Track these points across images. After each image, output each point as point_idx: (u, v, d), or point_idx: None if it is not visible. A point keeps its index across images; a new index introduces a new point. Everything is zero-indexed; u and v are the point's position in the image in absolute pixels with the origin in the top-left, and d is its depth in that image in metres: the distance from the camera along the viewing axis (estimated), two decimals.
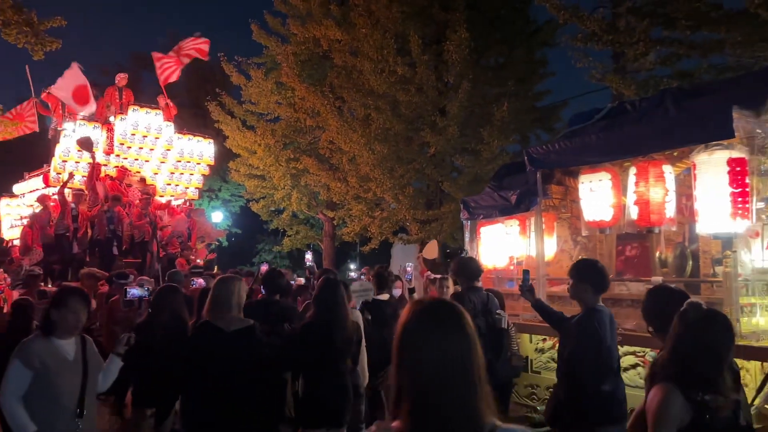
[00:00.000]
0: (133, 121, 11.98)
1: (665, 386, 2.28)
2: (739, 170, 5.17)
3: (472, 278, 5.05)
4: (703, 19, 8.72)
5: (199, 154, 13.48)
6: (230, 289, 3.76)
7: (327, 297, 4.07)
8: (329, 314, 4.02)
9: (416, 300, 1.64)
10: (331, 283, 4.17)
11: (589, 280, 3.79)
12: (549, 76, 14.84)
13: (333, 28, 14.39)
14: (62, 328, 3.25)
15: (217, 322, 3.68)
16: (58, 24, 9.26)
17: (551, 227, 7.48)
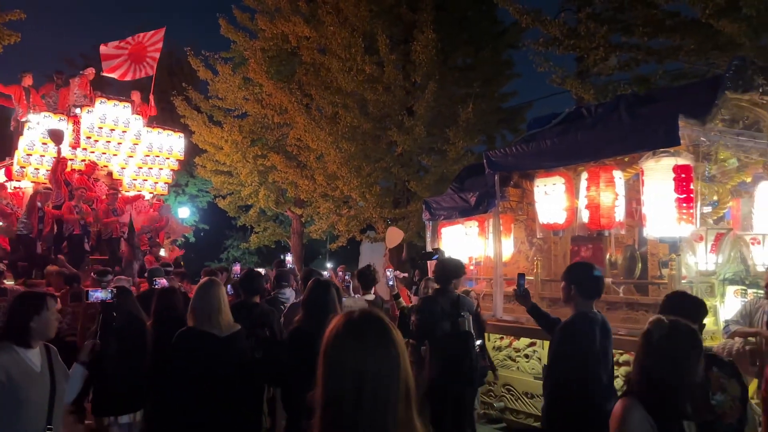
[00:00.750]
0: (101, 114, 11.60)
1: (625, 401, 2.27)
2: (684, 177, 5.37)
3: (444, 281, 4.92)
4: (659, 27, 8.96)
5: (169, 148, 13.12)
6: (217, 294, 3.67)
7: (318, 300, 3.73)
8: (321, 318, 3.67)
9: (347, 311, 1.59)
10: (322, 284, 3.86)
11: (580, 283, 3.65)
12: (515, 77, 15.07)
13: (301, 24, 14.35)
14: (39, 336, 3.02)
15: (208, 328, 3.57)
16: (17, 17, 9.06)
17: (508, 229, 7.64)
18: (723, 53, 8.40)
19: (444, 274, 4.91)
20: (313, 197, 15.51)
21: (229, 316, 3.68)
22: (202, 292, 3.68)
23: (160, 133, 12.98)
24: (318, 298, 3.71)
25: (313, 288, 3.80)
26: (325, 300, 3.68)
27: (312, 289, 3.80)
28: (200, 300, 3.66)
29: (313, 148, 14.24)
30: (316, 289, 3.77)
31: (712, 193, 6.13)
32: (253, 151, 16.45)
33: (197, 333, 3.57)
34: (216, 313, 3.60)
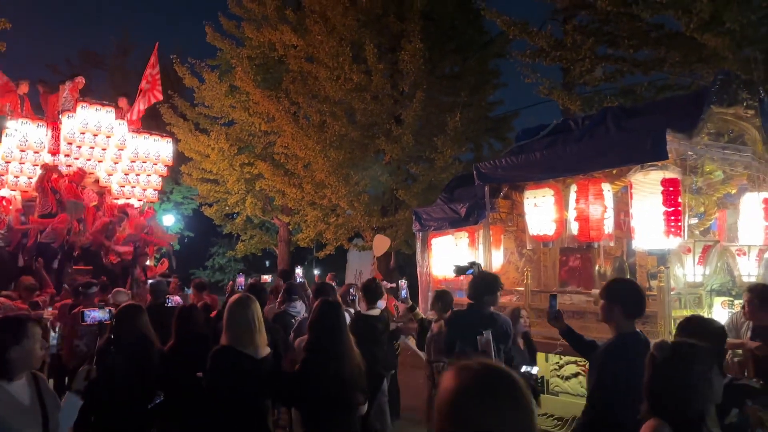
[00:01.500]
0: (82, 119, 11.11)
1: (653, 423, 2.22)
2: (672, 190, 5.45)
3: (476, 296, 4.54)
4: (644, 39, 9.12)
5: (156, 153, 12.58)
6: (253, 311, 3.44)
7: (326, 322, 3.52)
8: (329, 343, 3.48)
9: (464, 365, 1.41)
10: (330, 306, 3.65)
11: (621, 301, 3.27)
12: (501, 86, 15.19)
13: (288, 33, 14.33)
14: (22, 366, 2.66)
15: (245, 348, 3.36)
16: (2, 27, 8.93)
17: (498, 240, 7.68)
18: (707, 65, 8.56)
19: (476, 289, 4.59)
20: (300, 205, 15.47)
21: (265, 335, 3.49)
22: (239, 310, 3.45)
23: (146, 138, 12.48)
24: (327, 320, 3.53)
25: (320, 310, 3.60)
26: (333, 323, 3.52)
27: (320, 311, 3.60)
28: (237, 318, 3.43)
29: (300, 156, 14.21)
30: (323, 311, 3.59)
31: (698, 205, 6.22)
32: (240, 159, 16.37)
33: (235, 353, 3.35)
34: (254, 333, 3.41)
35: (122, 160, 12.21)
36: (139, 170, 12.53)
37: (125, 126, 11.89)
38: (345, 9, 13.25)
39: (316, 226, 15.20)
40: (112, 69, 26.64)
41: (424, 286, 8.34)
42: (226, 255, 25.23)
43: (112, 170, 12.33)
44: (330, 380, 3.37)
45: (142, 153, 12.30)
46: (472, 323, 4.36)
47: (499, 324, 4.41)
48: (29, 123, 11.05)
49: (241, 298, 3.55)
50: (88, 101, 11.35)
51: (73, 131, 11.13)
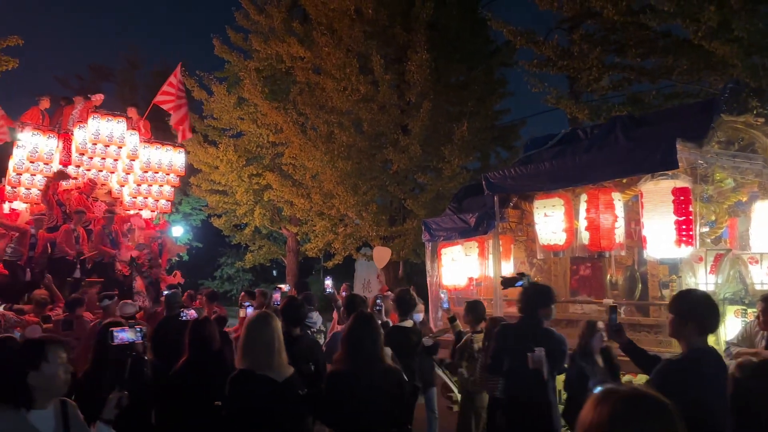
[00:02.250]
0: (94, 130, 11.03)
1: None
2: (683, 199, 5.44)
3: (528, 309, 4.22)
4: (652, 47, 9.11)
5: (169, 164, 12.46)
6: (272, 330, 3.19)
7: (360, 337, 3.31)
8: (362, 360, 3.27)
9: (611, 391, 1.38)
10: (364, 318, 3.45)
11: (694, 317, 2.99)
12: (508, 95, 15.21)
13: (295, 45, 14.44)
14: (45, 394, 2.45)
15: (265, 371, 3.12)
16: (15, 43, 9.05)
17: (508, 249, 7.68)
18: (715, 73, 8.55)
19: (529, 301, 4.25)
20: (309, 215, 15.53)
21: (285, 356, 3.26)
22: (257, 330, 3.21)
23: (158, 148, 12.36)
24: (359, 336, 3.32)
25: (354, 324, 3.40)
26: (370, 336, 3.32)
27: (353, 325, 3.40)
28: (255, 339, 3.18)
29: (308, 166, 14.28)
30: (357, 326, 3.38)
31: (709, 214, 6.20)
32: (249, 170, 16.49)
33: (253, 377, 3.11)
34: (273, 355, 3.16)
35: (134, 171, 12.14)
36: (151, 181, 12.42)
37: (137, 136, 11.81)
38: (351, 21, 13.34)
39: (325, 236, 15.24)
40: (121, 82, 26.91)
41: (433, 296, 8.34)
42: (235, 265, 25.31)
43: (123, 181, 12.26)
44: (356, 399, 3.19)
45: (155, 163, 12.21)
46: (523, 339, 4.02)
47: (554, 341, 4.06)
48: (39, 135, 11.01)
49: (260, 316, 3.34)
50: (100, 112, 11.32)
51: (85, 142, 11.08)
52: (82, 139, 11.06)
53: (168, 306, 6.41)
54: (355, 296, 5.29)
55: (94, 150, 11.27)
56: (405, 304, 5.32)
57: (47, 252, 9.95)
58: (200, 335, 4.01)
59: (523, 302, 4.29)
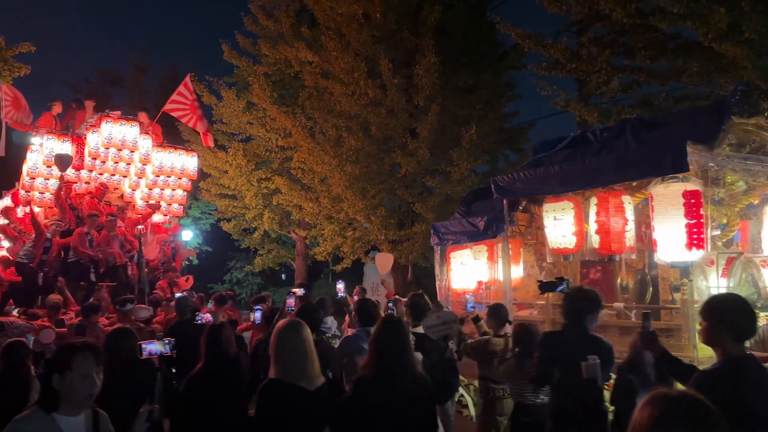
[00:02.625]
0: (107, 134, 10.95)
1: None
2: (694, 202, 5.41)
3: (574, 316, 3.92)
4: (661, 49, 9.08)
5: (181, 168, 12.41)
6: (303, 338, 3.09)
7: (389, 342, 3.12)
8: (392, 367, 3.09)
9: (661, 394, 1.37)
10: (393, 324, 3.27)
11: (729, 323, 2.77)
12: (516, 98, 15.19)
13: (304, 50, 14.50)
14: (70, 401, 2.41)
15: (297, 380, 3.00)
16: (27, 50, 9.14)
17: (518, 253, 7.66)
18: (726, 75, 8.50)
19: (576, 307, 3.93)
20: (318, 219, 15.57)
21: (317, 364, 3.14)
22: (288, 337, 3.10)
23: (170, 152, 12.36)
24: (389, 341, 3.14)
25: (383, 329, 3.23)
26: (399, 342, 3.13)
27: (381, 329, 3.23)
28: (287, 347, 3.07)
29: (317, 170, 14.32)
30: (387, 331, 3.21)
31: (721, 217, 6.16)
32: (258, 175, 16.57)
33: (286, 387, 2.99)
34: (306, 363, 3.06)
35: (146, 175, 12.11)
36: (164, 185, 12.36)
37: (149, 140, 11.78)
38: (360, 25, 13.38)
39: (333, 239, 15.26)
40: (130, 87, 27.13)
41: (443, 299, 8.33)
42: (244, 269, 25.36)
43: (135, 185, 12.23)
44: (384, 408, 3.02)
45: (167, 167, 12.18)
46: (573, 347, 3.75)
47: (604, 349, 3.79)
48: (54, 139, 10.98)
49: (291, 323, 3.20)
50: (112, 116, 11.21)
51: (98, 146, 11.06)
52: (95, 143, 11.05)
53: (179, 310, 6.37)
54: (367, 301, 5.09)
55: (106, 154, 11.22)
56: (419, 309, 5.22)
57: (61, 256, 10.00)
58: (217, 340, 3.92)
59: (568, 308, 4.00)
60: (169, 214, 12.72)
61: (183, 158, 12.51)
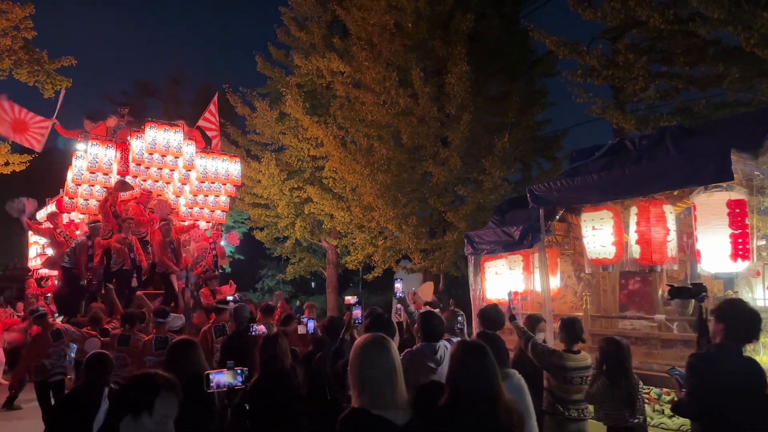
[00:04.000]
0: (150, 140, 10.75)
1: None
2: (739, 212, 5.27)
3: (739, 334, 3.28)
4: (701, 55, 8.88)
5: (225, 173, 12.21)
6: (391, 358, 2.49)
7: (471, 366, 2.68)
8: (476, 392, 2.64)
9: None
10: (476, 351, 2.77)
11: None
12: (549, 105, 15.03)
13: (336, 60, 14.64)
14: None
15: (383, 411, 2.41)
16: (68, 63, 9.44)
17: (555, 263, 7.55)
18: None
19: (733, 324, 3.27)
20: (349, 228, 15.63)
21: (404, 391, 2.55)
22: (370, 356, 2.49)
23: (214, 158, 12.17)
24: (472, 363, 2.69)
25: (463, 356, 2.76)
26: (483, 367, 2.67)
27: (464, 352, 2.78)
28: (370, 368, 2.47)
29: (348, 179, 14.40)
30: (469, 352, 2.77)
31: (766, 226, 5.99)
32: (290, 184, 16.75)
33: (373, 420, 2.41)
34: (395, 390, 2.46)
35: (191, 181, 11.95)
36: (208, 191, 12.24)
37: (193, 146, 11.58)
38: (391, 35, 13.44)
39: (365, 248, 15.30)
40: (166, 98, 27.79)
41: (477, 310, 8.26)
42: (276, 277, 25.59)
43: (179, 191, 12.13)
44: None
45: (211, 173, 11.98)
46: (734, 372, 3.16)
47: (760, 372, 3.22)
48: (98, 145, 10.92)
49: (376, 340, 2.55)
50: (156, 122, 11.06)
51: (142, 152, 10.90)
52: (139, 150, 10.91)
53: (236, 320, 6.11)
54: (434, 316, 4.29)
55: (151, 160, 11.07)
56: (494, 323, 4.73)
57: (104, 262, 10.07)
58: (272, 352, 3.74)
59: (727, 325, 3.28)
60: (212, 221, 12.65)
61: (227, 164, 12.33)
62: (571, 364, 4.42)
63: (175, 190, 12.08)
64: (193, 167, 11.61)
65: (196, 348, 3.67)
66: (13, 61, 8.91)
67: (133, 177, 11.39)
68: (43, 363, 6.81)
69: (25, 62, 8.91)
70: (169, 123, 11.20)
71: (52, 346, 6.79)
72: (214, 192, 12.33)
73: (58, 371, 6.81)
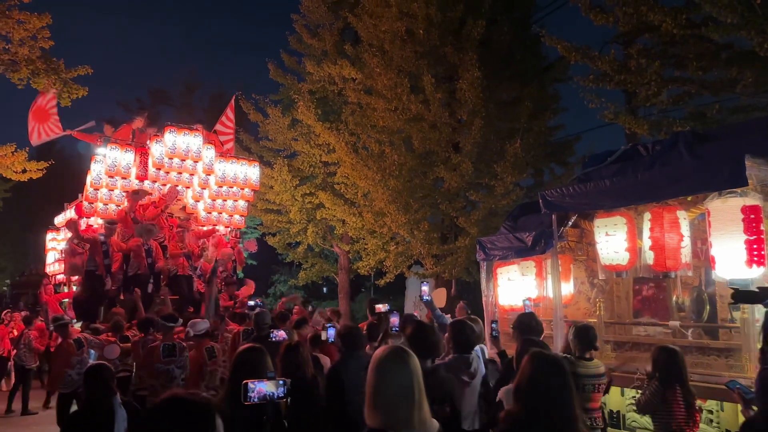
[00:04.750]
0: (170, 144, 10.61)
1: None
2: (754, 218, 5.23)
3: None
4: (714, 60, 8.83)
5: (244, 178, 12.12)
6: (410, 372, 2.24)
7: (545, 383, 2.40)
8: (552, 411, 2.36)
9: None
10: (548, 360, 2.52)
11: None
12: (561, 111, 15.01)
13: (347, 67, 14.73)
14: None
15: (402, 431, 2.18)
16: (85, 72, 9.58)
17: (568, 269, 7.53)
18: None
19: None
20: (361, 234, 15.68)
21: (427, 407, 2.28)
22: (389, 372, 2.25)
23: (233, 162, 12.06)
24: (545, 379, 2.41)
25: (535, 364, 2.49)
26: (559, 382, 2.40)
27: (534, 365, 2.49)
28: (387, 385, 2.23)
29: (360, 185, 14.47)
30: (540, 364, 2.49)
31: None
32: (302, 190, 16.87)
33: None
34: (413, 407, 2.21)
35: (210, 185, 11.87)
36: (227, 195, 12.14)
37: (213, 150, 11.46)
38: (402, 42, 13.50)
39: (376, 254, 15.34)
40: (179, 105, 28.08)
41: (489, 316, 8.24)
42: (288, 283, 25.67)
43: (199, 195, 12.02)
44: None
45: (230, 177, 11.89)
46: None
47: None
48: (117, 149, 10.76)
49: (393, 351, 2.32)
50: (176, 126, 10.90)
51: (162, 156, 10.75)
52: (159, 154, 10.76)
53: (257, 326, 6.00)
54: (466, 325, 3.99)
55: (170, 164, 10.95)
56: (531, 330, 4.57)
57: (123, 267, 10.02)
58: (294, 361, 3.64)
59: None
60: (230, 226, 12.55)
61: (245, 168, 12.23)
62: (582, 371, 4.33)
63: (194, 195, 12.01)
64: (212, 171, 11.48)
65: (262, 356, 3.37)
66: (31, 70, 9.06)
67: (153, 182, 11.28)
68: (70, 374, 6.72)
69: (42, 71, 9.05)
70: (188, 127, 11.06)
71: (76, 356, 6.73)
72: (233, 197, 12.22)
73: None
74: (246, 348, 3.32)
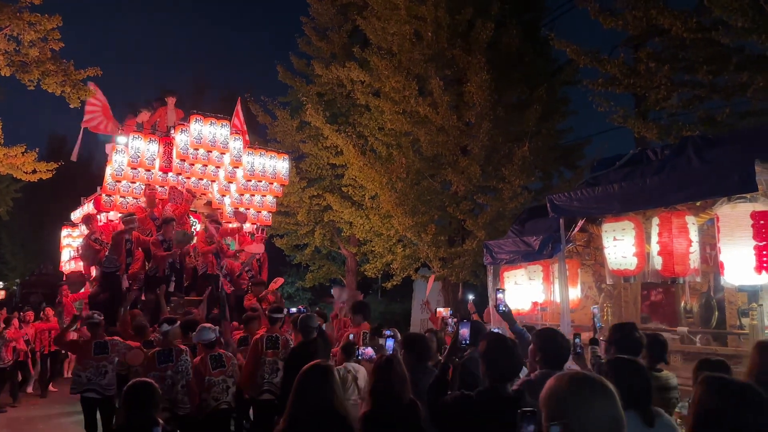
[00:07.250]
0: (196, 134, 9.90)
1: None
2: (763, 223, 5.19)
3: None
4: (724, 64, 8.75)
5: (273, 171, 11.36)
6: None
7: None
8: None
9: None
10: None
11: None
12: (571, 114, 14.94)
13: (356, 69, 14.74)
14: None
15: None
16: (94, 74, 9.63)
17: (575, 274, 7.50)
18: None
19: None
20: (368, 236, 15.69)
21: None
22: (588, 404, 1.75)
23: (262, 155, 11.31)
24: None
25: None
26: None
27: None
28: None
29: (367, 187, 14.48)
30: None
31: None
32: (310, 192, 16.91)
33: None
34: None
35: (237, 179, 11.12)
36: (254, 190, 11.42)
37: (241, 141, 10.71)
38: (411, 44, 13.50)
39: (384, 256, 15.34)
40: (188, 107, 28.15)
41: (496, 319, 8.21)
42: (295, 285, 25.73)
43: (225, 190, 11.37)
44: None
45: (258, 171, 11.16)
46: None
47: None
48: (140, 138, 10.26)
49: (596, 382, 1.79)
50: (202, 115, 10.25)
51: (186, 147, 10.05)
52: (184, 144, 10.04)
53: (303, 331, 5.59)
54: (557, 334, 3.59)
55: (195, 155, 10.23)
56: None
57: (144, 267, 9.70)
58: (387, 379, 3.22)
59: None
60: (257, 223, 11.97)
61: (275, 161, 11.48)
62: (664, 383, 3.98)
63: (220, 189, 11.36)
64: (240, 164, 10.78)
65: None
66: (41, 72, 9.11)
67: (177, 174, 10.73)
68: (79, 375, 6.46)
69: (52, 73, 9.11)
70: (215, 116, 10.39)
71: (92, 359, 6.44)
72: (261, 191, 11.55)
73: (91, 387, 6.37)
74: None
